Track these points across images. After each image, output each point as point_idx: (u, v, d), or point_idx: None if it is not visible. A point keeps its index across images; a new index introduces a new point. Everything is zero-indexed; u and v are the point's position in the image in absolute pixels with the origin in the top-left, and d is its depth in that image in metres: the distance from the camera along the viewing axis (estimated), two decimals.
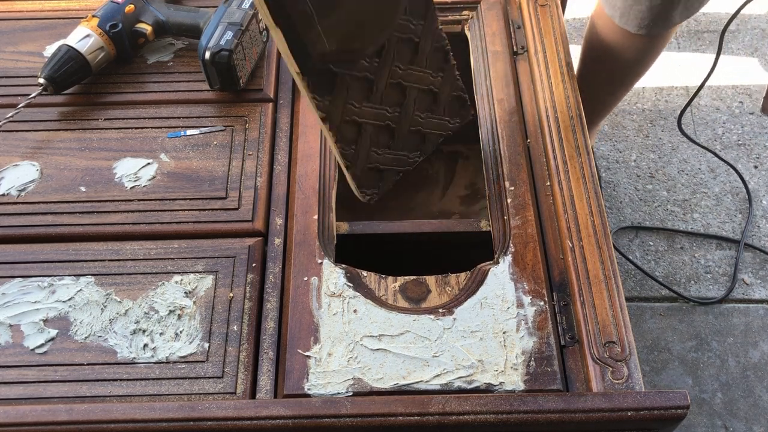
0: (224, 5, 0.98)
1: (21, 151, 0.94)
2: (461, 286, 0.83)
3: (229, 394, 0.75)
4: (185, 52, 1.04)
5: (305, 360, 0.76)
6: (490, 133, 0.96)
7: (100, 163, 0.93)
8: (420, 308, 0.82)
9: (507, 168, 0.91)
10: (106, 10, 0.99)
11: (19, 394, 0.75)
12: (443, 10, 1.08)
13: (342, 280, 0.82)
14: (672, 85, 1.86)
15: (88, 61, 0.96)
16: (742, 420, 1.41)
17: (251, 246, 0.85)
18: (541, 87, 0.98)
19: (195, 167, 0.92)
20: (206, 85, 0.98)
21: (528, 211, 0.87)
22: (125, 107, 0.98)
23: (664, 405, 0.70)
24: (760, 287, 1.56)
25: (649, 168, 1.73)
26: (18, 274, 0.84)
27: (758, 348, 1.49)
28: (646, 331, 1.51)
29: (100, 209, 0.88)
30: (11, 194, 0.90)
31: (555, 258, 0.85)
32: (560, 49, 1.01)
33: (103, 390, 0.75)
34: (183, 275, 0.83)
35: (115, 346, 0.78)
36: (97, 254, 0.85)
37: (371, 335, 0.78)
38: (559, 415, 0.70)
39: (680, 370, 1.47)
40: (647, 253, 1.61)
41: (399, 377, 0.75)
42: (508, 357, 0.76)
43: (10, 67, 1.02)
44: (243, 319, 0.80)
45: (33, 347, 0.78)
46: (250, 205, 0.88)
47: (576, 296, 0.80)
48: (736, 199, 1.68)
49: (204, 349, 0.78)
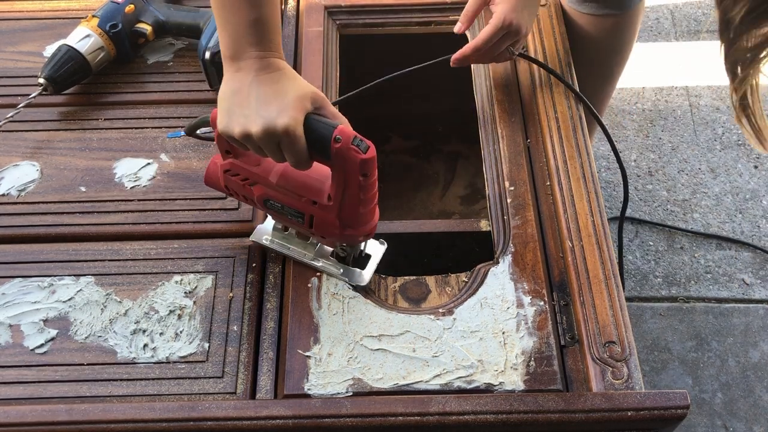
0: None
1: (21, 151, 0.94)
2: (461, 286, 0.83)
3: (229, 394, 0.75)
4: (185, 52, 1.04)
5: (305, 360, 0.76)
6: (490, 133, 0.96)
7: (100, 163, 0.93)
8: (420, 308, 0.82)
9: (507, 168, 0.91)
10: (106, 10, 0.99)
11: (19, 394, 0.75)
12: (443, 10, 1.08)
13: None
14: (672, 85, 1.86)
15: (88, 61, 0.96)
16: (742, 420, 1.41)
17: (251, 246, 0.85)
18: (541, 87, 0.98)
19: (195, 167, 0.92)
20: (206, 85, 0.98)
21: (528, 211, 0.87)
22: (125, 107, 0.98)
23: (664, 405, 0.70)
24: (760, 287, 1.56)
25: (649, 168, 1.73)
26: (18, 274, 0.83)
27: (758, 348, 1.49)
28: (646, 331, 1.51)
29: (100, 209, 0.88)
30: (11, 194, 0.90)
31: (555, 258, 0.85)
32: (560, 49, 1.01)
33: (103, 390, 0.75)
34: (183, 275, 0.83)
35: (115, 346, 0.78)
36: (97, 254, 0.85)
37: (371, 335, 0.78)
38: (559, 415, 0.70)
39: (680, 370, 1.47)
40: (647, 252, 1.61)
41: (399, 377, 0.75)
42: (508, 357, 0.76)
43: (10, 67, 1.02)
44: (243, 319, 0.80)
45: (33, 347, 0.78)
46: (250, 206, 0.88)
47: (576, 296, 0.80)
48: (736, 199, 1.68)
49: (204, 349, 0.78)
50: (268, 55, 0.70)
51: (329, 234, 0.78)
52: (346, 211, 0.74)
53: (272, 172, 0.76)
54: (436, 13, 1.08)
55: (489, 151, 0.95)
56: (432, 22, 1.08)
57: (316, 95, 0.70)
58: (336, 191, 0.72)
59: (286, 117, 0.66)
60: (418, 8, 1.08)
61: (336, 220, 0.75)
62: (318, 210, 0.75)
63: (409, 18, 1.08)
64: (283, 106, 0.67)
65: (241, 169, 0.77)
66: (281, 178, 0.76)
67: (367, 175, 0.70)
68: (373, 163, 0.70)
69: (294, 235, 0.83)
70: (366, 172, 0.69)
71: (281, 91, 0.68)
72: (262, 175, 0.76)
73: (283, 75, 0.70)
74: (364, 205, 0.74)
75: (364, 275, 0.82)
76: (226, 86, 0.70)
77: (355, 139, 0.68)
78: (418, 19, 1.08)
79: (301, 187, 0.76)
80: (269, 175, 0.76)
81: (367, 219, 0.76)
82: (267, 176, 0.76)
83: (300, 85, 0.70)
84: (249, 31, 0.69)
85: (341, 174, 0.70)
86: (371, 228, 0.78)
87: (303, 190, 0.76)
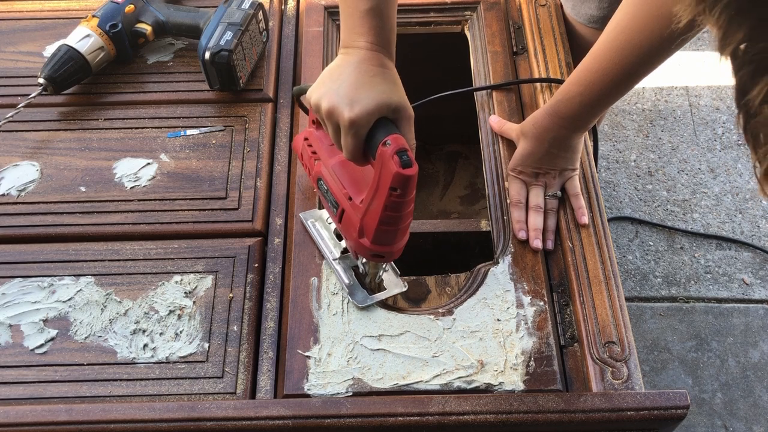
0: (224, 5, 0.98)
1: (21, 151, 0.94)
2: (461, 286, 0.83)
3: (229, 394, 0.75)
4: (185, 52, 1.04)
5: (305, 360, 0.76)
6: (490, 133, 0.96)
7: (100, 163, 0.93)
8: (420, 308, 0.82)
9: (507, 168, 0.91)
10: (106, 10, 0.99)
11: (19, 394, 0.75)
12: (443, 11, 1.08)
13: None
14: (672, 85, 1.86)
15: (88, 61, 0.96)
16: (742, 420, 1.41)
17: (251, 246, 0.85)
18: (541, 87, 0.98)
19: (195, 167, 0.92)
20: (206, 85, 0.98)
21: None
22: (125, 107, 0.98)
23: (664, 405, 0.70)
24: (760, 287, 1.56)
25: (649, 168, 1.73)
26: (18, 274, 0.84)
27: (758, 348, 1.49)
28: (646, 331, 1.51)
29: (100, 209, 0.88)
30: (11, 194, 0.90)
31: (555, 258, 0.85)
32: (560, 49, 1.01)
33: (103, 390, 0.75)
34: (183, 275, 0.83)
35: (115, 346, 0.78)
36: (97, 254, 0.85)
37: (371, 335, 0.78)
38: (559, 415, 0.70)
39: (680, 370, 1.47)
40: (647, 252, 1.61)
41: (399, 377, 0.75)
42: (508, 357, 0.76)
43: (10, 67, 1.02)
44: (243, 319, 0.80)
45: (33, 347, 0.78)
46: (250, 205, 0.88)
47: (576, 296, 0.80)
48: (736, 199, 1.68)
49: (204, 349, 0.78)
50: (377, 49, 0.70)
51: (348, 236, 0.76)
52: (368, 218, 0.72)
53: (335, 156, 0.77)
54: (436, 13, 1.08)
55: (489, 151, 0.95)
56: (432, 22, 1.08)
57: (402, 108, 0.69)
58: (368, 196, 0.71)
59: (357, 112, 0.66)
60: (418, 8, 1.08)
61: (358, 222, 0.73)
62: (350, 207, 0.75)
63: (409, 18, 1.08)
64: (361, 98, 0.67)
65: (315, 141, 0.80)
66: (338, 165, 0.77)
67: (396, 190, 0.67)
68: (408, 182, 0.66)
69: (333, 231, 0.84)
70: (397, 186, 0.66)
71: (371, 86, 0.68)
72: (327, 155, 0.78)
73: (381, 72, 0.70)
74: (387, 222, 0.70)
75: (367, 298, 0.80)
76: (333, 63, 0.72)
77: (401, 151, 0.65)
78: (418, 19, 1.08)
79: (348, 180, 0.76)
80: (332, 157, 0.77)
81: (385, 239, 0.73)
82: (329, 158, 0.77)
83: (393, 90, 0.69)
84: (361, 21, 0.70)
85: (377, 180, 0.68)
86: (386, 251, 0.74)
87: (348, 183, 0.76)
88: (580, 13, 1.02)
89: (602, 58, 0.79)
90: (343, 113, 0.67)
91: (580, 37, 1.05)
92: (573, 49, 1.03)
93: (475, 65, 1.04)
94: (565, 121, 0.84)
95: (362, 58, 0.70)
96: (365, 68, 0.69)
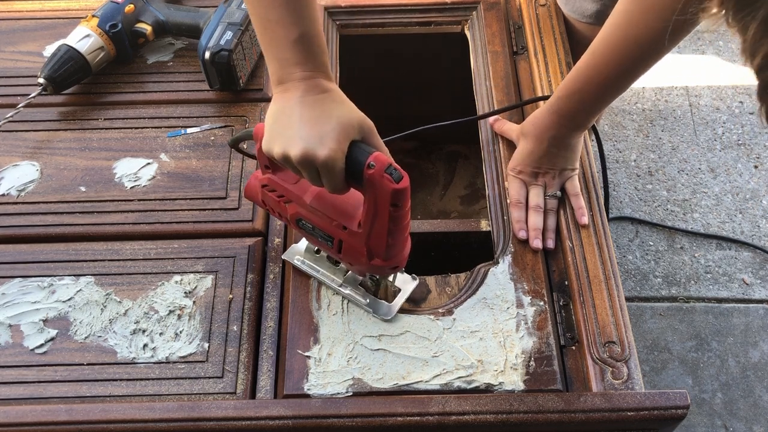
0: (224, 5, 0.98)
1: (21, 151, 0.94)
2: (461, 286, 0.83)
3: (229, 394, 0.75)
4: (185, 52, 1.04)
5: (305, 360, 0.76)
6: (490, 133, 0.96)
7: (100, 163, 0.93)
8: (420, 308, 0.82)
9: (507, 168, 0.91)
10: (106, 10, 0.99)
11: (19, 394, 0.75)
12: (443, 11, 1.08)
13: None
14: (672, 85, 1.86)
15: (87, 61, 0.96)
16: (742, 420, 1.41)
17: (251, 246, 0.85)
18: (541, 87, 0.98)
19: (195, 167, 0.92)
20: (206, 85, 0.98)
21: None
22: (125, 107, 0.98)
23: (664, 405, 0.70)
24: (760, 287, 1.56)
25: (649, 168, 1.73)
26: (18, 274, 0.83)
27: (758, 348, 1.49)
28: (646, 331, 1.51)
29: (100, 209, 0.88)
30: (11, 194, 0.90)
31: (555, 258, 0.85)
32: (560, 49, 1.01)
33: (103, 390, 0.75)
34: (183, 275, 0.83)
35: (115, 346, 0.78)
36: (97, 254, 0.85)
37: (371, 335, 0.78)
38: (559, 415, 0.70)
39: (680, 370, 1.47)
40: (647, 252, 1.61)
41: (399, 377, 0.75)
42: (508, 357, 0.76)
43: (10, 67, 1.02)
44: (243, 319, 0.80)
45: (33, 347, 0.78)
46: (250, 205, 0.88)
47: (576, 296, 0.80)
48: (736, 199, 1.68)
49: (204, 349, 0.78)
50: (314, 75, 0.68)
51: (356, 262, 0.76)
52: (374, 240, 0.72)
53: (308, 192, 0.75)
54: (436, 13, 1.08)
55: (489, 151, 0.95)
56: (432, 22, 1.08)
57: (364, 123, 0.67)
58: (366, 219, 0.70)
59: (328, 147, 0.64)
60: (418, 8, 1.08)
61: (363, 248, 0.73)
62: (347, 236, 0.74)
63: (409, 18, 1.08)
64: (326, 132, 0.65)
65: (278, 186, 0.76)
66: (315, 200, 0.75)
67: (398, 205, 0.67)
68: (406, 194, 0.67)
69: (325, 259, 0.82)
70: (397, 202, 0.67)
71: (326, 116, 0.66)
72: (298, 193, 0.75)
73: (328, 97, 0.68)
74: (393, 236, 0.71)
75: (392, 309, 0.80)
76: (274, 105, 0.69)
77: (389, 168, 0.65)
78: (418, 20, 1.08)
79: (333, 210, 0.74)
80: (304, 194, 0.75)
81: (395, 251, 0.74)
82: (302, 195, 0.75)
83: (347, 110, 0.68)
84: (293, 51, 0.67)
85: (372, 202, 0.68)
86: (400, 261, 0.75)
87: (335, 214, 0.74)
88: (575, 8, 1.03)
89: (600, 54, 0.79)
90: (317, 154, 0.65)
91: (576, 33, 1.05)
92: (571, 46, 1.03)
93: (475, 65, 1.04)
94: (564, 119, 0.85)
95: (303, 90, 0.67)
96: (311, 100, 0.67)
